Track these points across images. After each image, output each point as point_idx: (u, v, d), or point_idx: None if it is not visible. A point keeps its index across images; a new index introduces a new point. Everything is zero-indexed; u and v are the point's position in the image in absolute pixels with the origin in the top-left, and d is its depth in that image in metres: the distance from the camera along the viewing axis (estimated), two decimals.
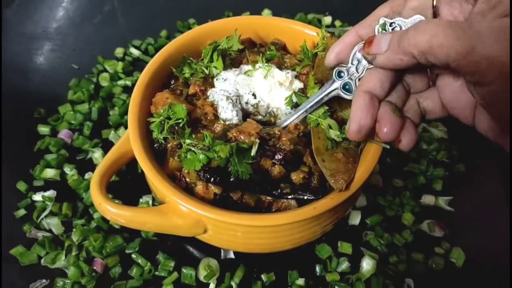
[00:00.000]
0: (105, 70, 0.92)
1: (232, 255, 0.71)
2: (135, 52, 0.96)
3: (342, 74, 0.57)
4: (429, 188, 0.80)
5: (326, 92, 0.60)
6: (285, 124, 0.64)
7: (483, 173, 0.82)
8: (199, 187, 0.60)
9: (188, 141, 0.60)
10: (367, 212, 0.76)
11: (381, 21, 0.54)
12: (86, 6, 1.08)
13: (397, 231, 0.74)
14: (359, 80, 0.56)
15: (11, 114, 0.85)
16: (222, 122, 0.64)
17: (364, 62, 0.55)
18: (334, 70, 0.58)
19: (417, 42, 0.45)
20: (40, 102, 0.88)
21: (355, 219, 0.75)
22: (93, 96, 0.88)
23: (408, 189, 0.79)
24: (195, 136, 0.62)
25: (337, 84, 0.58)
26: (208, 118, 0.65)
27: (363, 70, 0.56)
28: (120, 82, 0.90)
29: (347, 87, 0.58)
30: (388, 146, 0.61)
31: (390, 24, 0.53)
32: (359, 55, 0.56)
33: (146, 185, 0.69)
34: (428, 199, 0.78)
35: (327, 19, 1.04)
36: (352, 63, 0.56)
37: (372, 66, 0.53)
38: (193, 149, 0.59)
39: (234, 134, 0.61)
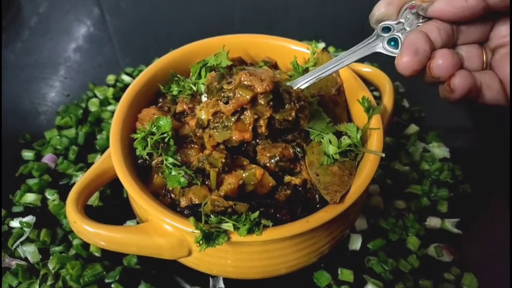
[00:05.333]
0: (95, 96, 0.91)
1: (221, 284, 0.65)
2: (126, 78, 0.95)
3: (388, 30, 0.53)
4: (434, 210, 0.75)
5: (365, 44, 0.54)
6: (303, 82, 0.58)
7: (490, 193, 0.77)
8: (184, 203, 0.56)
9: (170, 159, 0.57)
10: (369, 236, 0.71)
11: None
12: (80, 35, 1.09)
13: (402, 256, 0.68)
14: None
15: None
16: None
17: (416, 21, 0.51)
18: (379, 25, 0.53)
19: None
20: (27, 128, 0.85)
21: (356, 243, 0.70)
22: (81, 121, 0.86)
23: (411, 211, 0.74)
24: (183, 153, 0.59)
25: (381, 39, 0.53)
26: (198, 134, 0.62)
27: (414, 27, 0.51)
28: (110, 108, 0.88)
29: (392, 43, 0.52)
30: (383, 154, 0.57)
31: None
32: (409, 14, 0.51)
33: (132, 210, 0.65)
34: (433, 222, 0.73)
35: (320, 46, 1.04)
36: (400, 20, 0.52)
37: (426, 19, 0.49)
38: (173, 171, 0.56)
39: (244, 77, 0.52)
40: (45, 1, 1.21)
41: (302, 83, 0.59)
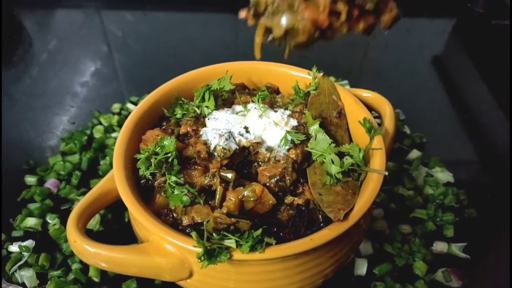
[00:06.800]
0: (100, 124, 0.92)
1: None
2: (131, 107, 0.96)
3: None
4: (440, 235, 0.73)
5: None
6: None
7: (497, 217, 0.76)
8: (186, 222, 0.55)
9: (173, 178, 0.57)
10: (374, 261, 0.69)
11: None
12: (88, 70, 1.12)
13: (409, 282, 0.67)
14: None
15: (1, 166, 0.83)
16: (219, 159, 0.61)
17: None
18: None
19: None
20: (32, 155, 0.86)
21: (361, 268, 0.68)
22: (85, 147, 0.86)
23: (417, 236, 0.73)
24: (186, 173, 0.59)
25: None
26: (202, 156, 0.62)
27: None
28: (114, 134, 0.89)
29: None
30: (386, 173, 0.57)
31: None
32: None
33: (133, 235, 0.64)
34: (440, 246, 0.72)
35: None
36: None
37: None
38: (175, 190, 0.56)
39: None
40: (55, 38, 1.25)
41: None
